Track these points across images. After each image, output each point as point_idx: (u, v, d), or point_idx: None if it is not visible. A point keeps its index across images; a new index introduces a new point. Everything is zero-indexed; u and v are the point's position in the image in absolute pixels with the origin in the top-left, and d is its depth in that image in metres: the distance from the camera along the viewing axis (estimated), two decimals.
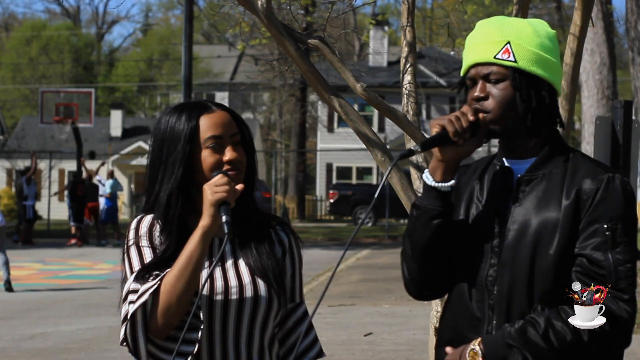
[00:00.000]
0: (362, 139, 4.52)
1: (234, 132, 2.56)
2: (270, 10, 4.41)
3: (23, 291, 14.55)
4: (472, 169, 2.58)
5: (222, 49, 54.17)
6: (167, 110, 2.61)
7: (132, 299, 2.42)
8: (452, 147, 2.42)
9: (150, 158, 2.59)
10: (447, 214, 2.46)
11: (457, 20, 6.19)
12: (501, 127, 2.43)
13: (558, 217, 2.37)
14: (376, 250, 23.35)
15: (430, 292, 2.56)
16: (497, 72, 2.42)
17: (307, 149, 45.64)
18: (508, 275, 2.39)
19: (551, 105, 2.45)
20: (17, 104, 55.30)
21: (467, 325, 2.44)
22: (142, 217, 2.57)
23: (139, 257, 2.50)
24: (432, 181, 2.45)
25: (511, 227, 2.41)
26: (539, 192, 2.41)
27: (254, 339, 2.53)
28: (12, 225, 32.11)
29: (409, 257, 2.52)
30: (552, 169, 2.43)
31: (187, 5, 23.28)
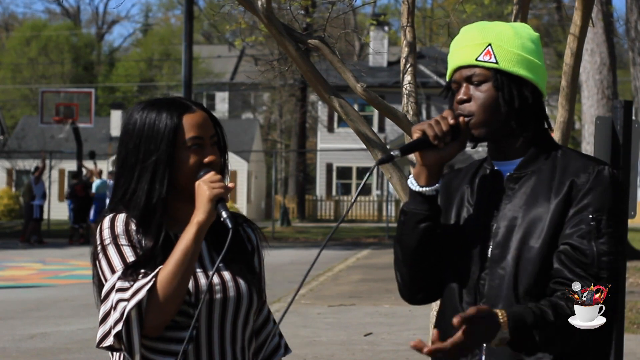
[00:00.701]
0: (362, 139, 4.52)
1: (212, 133, 2.56)
2: (270, 10, 4.41)
3: (23, 291, 14.55)
4: (463, 173, 2.59)
5: (222, 49, 54.17)
6: (142, 105, 2.56)
7: (121, 297, 2.38)
8: (434, 152, 2.43)
9: (122, 154, 2.54)
10: (434, 218, 2.47)
11: (457, 20, 6.19)
12: (486, 129, 2.44)
13: (545, 212, 2.38)
14: (376, 250, 23.34)
15: (423, 296, 2.58)
16: (479, 74, 2.44)
17: (307, 149, 45.64)
18: (497, 273, 2.40)
19: (536, 106, 2.46)
20: (17, 104, 55.31)
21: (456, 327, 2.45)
22: (114, 215, 2.51)
23: (120, 255, 2.44)
24: (416, 186, 2.47)
25: (501, 224, 2.42)
26: (527, 189, 2.43)
27: (237, 337, 2.54)
28: (13, 225, 32.14)
29: (400, 262, 2.54)
30: (540, 165, 2.45)
31: (187, 5, 23.28)
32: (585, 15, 4.69)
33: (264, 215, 44.30)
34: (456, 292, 2.46)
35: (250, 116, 51.28)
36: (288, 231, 31.86)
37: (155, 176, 2.48)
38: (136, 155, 2.50)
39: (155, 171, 2.48)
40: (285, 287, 14.49)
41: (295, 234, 30.60)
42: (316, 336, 9.96)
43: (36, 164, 33.86)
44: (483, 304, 2.40)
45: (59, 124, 27.68)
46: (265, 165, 47.29)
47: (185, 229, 2.43)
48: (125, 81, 55.99)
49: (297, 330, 10.27)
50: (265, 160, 47.24)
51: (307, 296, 13.54)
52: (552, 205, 2.39)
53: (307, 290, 14.30)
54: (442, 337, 2.50)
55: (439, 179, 2.47)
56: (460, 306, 2.44)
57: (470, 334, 2.19)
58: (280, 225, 33.77)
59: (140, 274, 2.41)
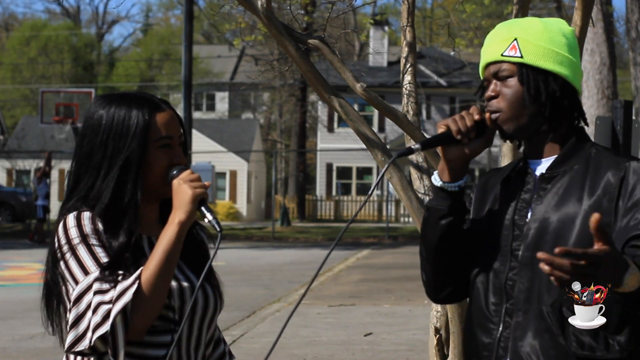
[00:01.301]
0: (362, 139, 4.51)
1: (180, 133, 2.49)
2: (270, 10, 4.41)
3: (23, 291, 14.54)
4: (500, 172, 2.55)
5: (222, 49, 54.16)
6: (106, 100, 2.46)
7: (102, 300, 2.28)
8: (457, 147, 2.40)
9: (86, 149, 2.44)
10: (457, 214, 2.44)
11: (457, 20, 6.19)
12: (514, 125, 2.40)
13: (578, 213, 2.33)
14: (376, 250, 23.34)
15: (447, 294, 2.54)
16: (505, 69, 2.41)
17: (307, 149, 45.65)
18: (528, 275, 2.36)
19: (566, 100, 2.41)
20: (17, 104, 55.32)
21: (481, 329, 2.43)
22: (79, 212, 2.39)
23: (92, 256, 2.34)
24: (438, 181, 2.44)
25: (532, 225, 2.38)
26: (559, 189, 2.38)
27: (201, 342, 2.49)
28: (13, 225, 32.13)
29: (424, 259, 2.51)
30: (573, 164, 2.40)
31: (187, 5, 23.28)
32: (585, 15, 4.69)
33: (264, 215, 44.32)
34: (482, 292, 2.43)
35: (250, 116, 51.28)
36: (288, 231, 31.86)
37: (127, 175, 2.40)
38: (103, 152, 2.41)
39: (126, 170, 2.40)
40: (285, 287, 14.49)
41: (295, 234, 30.59)
42: (316, 336, 9.96)
43: (36, 164, 33.92)
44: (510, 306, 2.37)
45: (59, 124, 27.69)
46: (265, 165, 47.29)
47: (165, 229, 2.34)
48: (125, 81, 55.97)
49: (297, 330, 10.27)
50: (265, 160, 47.24)
51: (307, 296, 13.53)
52: (584, 205, 2.34)
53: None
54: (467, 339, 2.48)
55: (463, 175, 2.43)
56: (486, 307, 2.41)
57: (607, 251, 2.09)
58: (280, 225, 33.77)
59: (119, 275, 2.32)
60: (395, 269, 17.47)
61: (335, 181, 43.67)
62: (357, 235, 29.85)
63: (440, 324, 4.65)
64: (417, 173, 4.66)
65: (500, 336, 2.39)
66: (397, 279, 15.66)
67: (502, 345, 2.39)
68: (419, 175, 4.65)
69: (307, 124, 45.03)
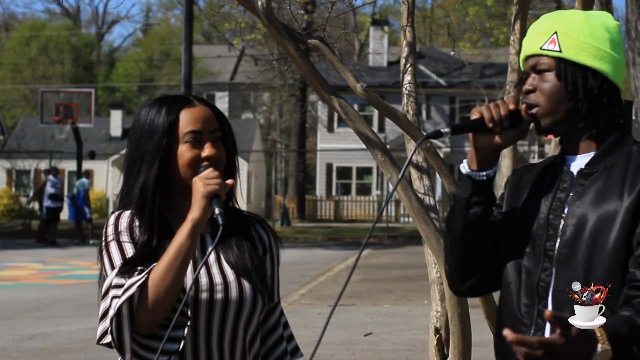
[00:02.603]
0: (362, 139, 4.51)
1: (214, 128, 2.51)
2: (270, 10, 4.41)
3: (23, 291, 14.54)
4: (535, 168, 2.49)
5: (222, 49, 54.15)
6: (149, 102, 2.55)
7: (116, 294, 2.35)
8: (488, 135, 2.35)
9: (128, 150, 2.54)
10: (483, 205, 2.38)
11: (457, 20, 6.19)
12: (551, 120, 2.35)
13: (618, 210, 2.27)
14: (376, 250, 23.34)
15: (469, 288, 2.48)
16: (543, 62, 2.36)
17: (307, 149, 45.64)
18: (566, 274, 2.30)
19: (605, 96, 2.36)
20: (17, 104, 55.32)
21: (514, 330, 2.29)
22: (120, 212, 2.50)
23: (120, 252, 2.43)
24: (466, 169, 2.39)
25: (569, 222, 2.32)
26: (598, 186, 2.32)
27: (237, 338, 2.49)
28: (13, 225, 32.13)
29: (448, 250, 2.46)
30: (613, 161, 2.34)
31: (187, 5, 23.28)
32: None
33: (264, 215, 44.32)
34: (514, 292, 2.37)
35: (250, 116, 51.27)
36: (288, 231, 31.86)
37: (148, 169, 2.47)
38: (138, 151, 2.49)
39: (151, 166, 2.47)
40: (286, 287, 14.49)
41: (295, 234, 30.60)
42: (316, 336, 9.95)
43: (36, 164, 33.90)
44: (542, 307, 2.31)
45: (59, 124, 27.69)
46: (265, 165, 47.29)
47: (181, 226, 2.40)
48: (125, 81, 56.00)
49: (297, 330, 10.26)
50: (265, 160, 47.23)
51: (307, 296, 13.54)
52: (625, 202, 2.27)
53: (307, 290, 14.30)
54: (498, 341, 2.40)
55: (493, 165, 2.38)
56: (518, 308, 2.36)
57: (565, 341, 2.04)
58: (280, 225, 33.77)
59: (137, 270, 2.38)
60: (395, 269, 17.47)
61: (335, 181, 43.65)
62: (357, 235, 29.84)
63: (440, 324, 4.65)
64: (417, 173, 4.66)
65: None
66: (397, 279, 15.67)
67: None
68: (419, 175, 4.65)
69: (307, 124, 45.02)
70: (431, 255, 4.56)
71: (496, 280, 2.46)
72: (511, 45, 4.57)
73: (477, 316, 4.50)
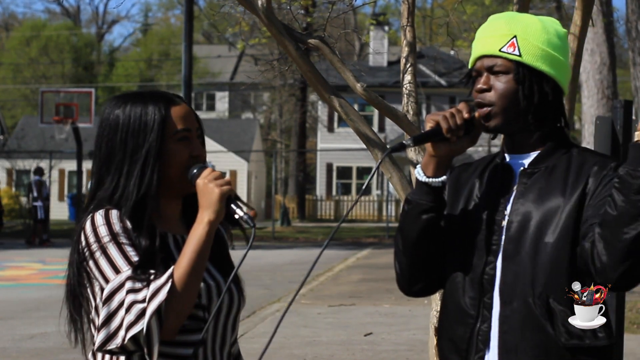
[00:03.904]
0: (362, 139, 4.52)
1: (197, 126, 2.49)
2: (270, 10, 4.41)
3: (23, 291, 14.54)
4: (473, 167, 2.58)
5: (222, 49, 54.15)
6: (121, 99, 2.47)
7: (136, 299, 2.28)
8: (446, 144, 2.42)
9: (105, 150, 2.43)
10: (438, 210, 2.46)
11: (456, 20, 6.19)
12: (503, 120, 2.43)
13: (560, 207, 2.36)
14: (376, 250, 23.34)
15: (420, 288, 2.56)
16: (501, 64, 2.43)
17: (307, 149, 45.64)
18: (512, 269, 2.38)
19: (555, 103, 2.45)
20: (17, 104, 55.32)
21: (459, 324, 2.44)
22: (107, 211, 2.39)
23: (123, 254, 2.34)
24: (423, 176, 2.46)
25: (514, 219, 2.40)
26: (541, 184, 2.41)
27: (226, 341, 2.49)
28: (13, 225, 32.13)
29: (400, 252, 2.53)
30: (555, 162, 2.43)
31: (187, 5, 23.28)
32: (585, 15, 4.69)
33: (264, 215, 44.31)
34: (459, 287, 2.45)
35: (250, 116, 51.27)
36: (288, 231, 31.86)
37: (145, 170, 2.40)
38: (123, 150, 2.41)
39: (144, 165, 2.40)
40: (286, 287, 14.48)
41: (295, 234, 30.60)
42: (316, 336, 9.96)
43: (36, 164, 33.88)
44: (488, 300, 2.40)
45: (59, 124, 27.66)
46: (265, 165, 47.28)
47: (194, 228, 2.34)
48: (125, 81, 55.98)
49: (297, 330, 10.27)
50: (265, 160, 47.23)
51: (307, 296, 13.53)
52: (567, 200, 2.37)
53: (307, 290, 14.30)
54: (442, 335, 2.50)
55: (447, 171, 2.46)
56: (463, 300, 2.43)
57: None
58: (280, 225, 33.77)
59: (151, 274, 2.32)
60: None
61: (335, 181, 43.66)
62: (357, 235, 29.85)
63: None
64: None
65: (479, 330, 2.41)
66: None
67: (480, 338, 2.41)
68: None
69: (307, 124, 45.02)
70: None
71: (443, 279, 2.53)
72: None
73: None
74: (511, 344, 2.36)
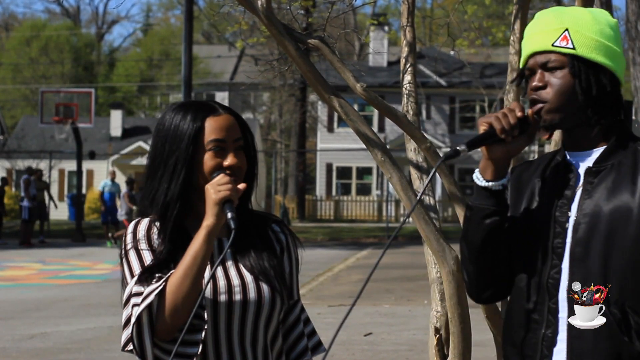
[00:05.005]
0: (362, 139, 4.51)
1: (237, 137, 2.55)
2: (270, 10, 4.41)
3: (23, 291, 14.54)
4: (534, 166, 2.50)
5: (222, 49, 54.16)
6: (173, 107, 2.59)
7: (136, 302, 2.40)
8: (501, 145, 2.34)
9: (151, 154, 2.56)
10: (501, 213, 2.38)
11: (457, 20, 6.19)
12: (560, 117, 2.35)
13: (631, 207, 2.28)
14: (376, 250, 23.35)
15: (490, 294, 2.49)
16: (555, 59, 2.35)
17: (307, 149, 45.63)
18: (580, 272, 2.30)
19: (613, 94, 2.38)
20: (17, 104, 55.32)
21: (524, 329, 2.38)
22: (139, 220, 2.54)
23: (139, 260, 2.48)
24: (482, 181, 2.38)
25: (582, 220, 2.32)
26: (608, 183, 2.33)
27: (258, 338, 2.53)
28: (13, 225, 32.13)
29: (466, 260, 2.46)
30: (620, 158, 2.35)
31: (187, 5, 23.27)
32: None
33: None
34: (524, 291, 2.38)
35: (250, 116, 51.27)
36: None
37: (173, 177, 2.50)
38: (161, 156, 2.52)
39: (173, 172, 2.50)
40: None
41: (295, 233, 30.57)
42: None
43: (36, 164, 33.88)
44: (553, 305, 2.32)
45: (59, 124, 27.67)
46: (265, 165, 47.29)
47: (197, 233, 2.43)
48: (125, 81, 56.00)
49: None
50: (265, 160, 47.24)
51: (307, 296, 13.54)
52: (637, 197, 2.28)
53: (307, 290, 14.30)
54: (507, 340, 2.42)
55: (506, 173, 2.38)
56: (527, 304, 2.37)
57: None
58: None
59: (155, 278, 2.43)
60: (395, 269, 17.47)
61: (335, 181, 43.64)
62: (357, 235, 29.85)
63: (440, 324, 4.65)
64: (417, 173, 4.66)
65: (544, 336, 2.35)
66: (397, 279, 15.66)
67: (545, 344, 2.34)
68: (419, 175, 4.65)
69: (307, 124, 45.02)
70: (431, 255, 4.56)
71: (512, 283, 2.46)
72: (511, 45, 4.57)
73: (477, 316, 4.50)
74: (580, 349, 2.29)
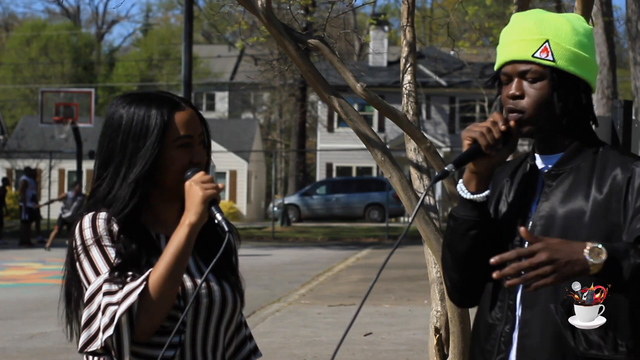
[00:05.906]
0: (362, 139, 4.51)
1: (201, 132, 2.47)
2: (270, 10, 4.41)
3: (23, 291, 14.54)
4: (507, 168, 2.53)
5: (222, 49, 54.17)
6: (127, 99, 2.46)
7: (110, 301, 2.28)
8: (486, 158, 2.37)
9: (106, 149, 2.44)
10: (485, 224, 2.42)
11: (457, 20, 6.19)
12: (535, 126, 2.38)
13: (585, 209, 2.32)
14: (376, 250, 23.33)
15: (474, 299, 2.53)
16: (535, 70, 2.36)
17: (307, 149, 45.64)
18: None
19: (587, 105, 2.42)
20: (17, 104, 55.33)
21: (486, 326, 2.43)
22: (95, 214, 2.40)
23: (104, 257, 2.34)
24: (467, 193, 2.41)
25: (537, 222, 2.37)
26: (565, 186, 2.37)
27: (218, 341, 2.48)
28: (13, 225, 32.12)
29: (449, 268, 2.49)
30: (580, 163, 2.39)
31: (187, 5, 23.27)
32: (585, 14, 4.69)
33: (263, 215, 44.31)
34: (489, 289, 2.43)
35: (250, 116, 51.28)
36: (288, 231, 31.85)
37: (140, 175, 2.39)
38: (123, 152, 2.41)
39: (141, 169, 2.39)
40: (286, 287, 14.48)
41: (295, 233, 30.59)
42: (316, 336, 9.95)
43: (36, 164, 33.88)
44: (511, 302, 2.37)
45: (59, 124, 27.67)
46: (265, 165, 47.29)
47: (176, 230, 2.34)
48: (125, 81, 55.99)
49: (297, 330, 10.27)
50: (265, 160, 47.23)
51: (307, 296, 13.53)
52: (591, 201, 2.33)
53: (307, 290, 14.30)
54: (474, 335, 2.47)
55: (489, 183, 2.41)
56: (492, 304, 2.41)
57: (548, 248, 2.10)
58: (280, 225, 33.76)
59: (128, 276, 2.32)
60: (395, 269, 17.45)
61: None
62: (357, 235, 29.84)
63: (440, 324, 4.65)
64: (417, 173, 4.66)
65: (502, 331, 2.39)
66: (397, 279, 15.65)
67: (503, 340, 2.39)
68: (418, 175, 4.65)
69: (307, 124, 45.03)
70: (431, 255, 4.56)
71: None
72: None
73: None
74: (529, 348, 2.34)
